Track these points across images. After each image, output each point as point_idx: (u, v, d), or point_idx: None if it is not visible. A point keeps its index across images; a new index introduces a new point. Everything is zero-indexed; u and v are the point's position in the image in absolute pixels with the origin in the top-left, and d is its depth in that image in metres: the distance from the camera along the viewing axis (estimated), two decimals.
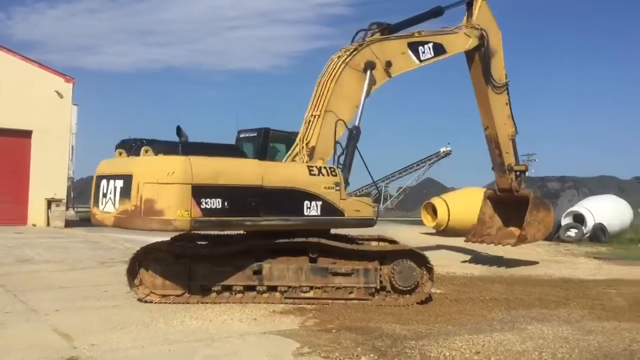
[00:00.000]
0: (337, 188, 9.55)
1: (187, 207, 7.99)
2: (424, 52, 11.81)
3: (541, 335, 7.44)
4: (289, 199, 9.06)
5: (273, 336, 7.21)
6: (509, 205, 15.07)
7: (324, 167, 9.69)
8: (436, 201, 26.56)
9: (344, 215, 9.58)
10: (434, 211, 26.43)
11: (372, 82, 10.81)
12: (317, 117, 10.27)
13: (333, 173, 9.66)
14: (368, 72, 10.65)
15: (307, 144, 10.11)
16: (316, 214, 9.33)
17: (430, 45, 11.95)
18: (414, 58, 11.65)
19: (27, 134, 27.25)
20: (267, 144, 11.33)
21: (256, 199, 8.63)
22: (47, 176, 26.87)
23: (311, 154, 10.06)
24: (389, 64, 11.03)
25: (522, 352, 6.64)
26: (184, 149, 8.56)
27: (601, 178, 56.94)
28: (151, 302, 9.18)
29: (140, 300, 9.19)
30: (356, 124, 10.50)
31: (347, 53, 10.71)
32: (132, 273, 9.43)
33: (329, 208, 9.42)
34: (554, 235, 25.63)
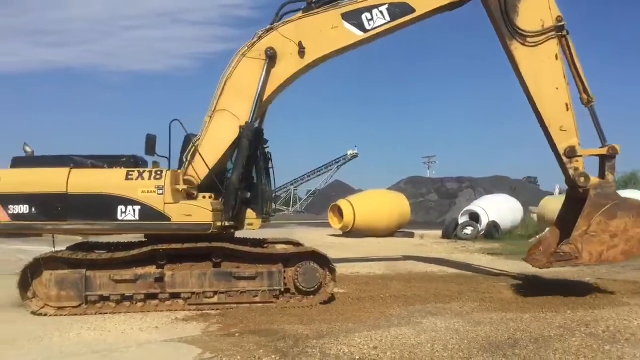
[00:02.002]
0: (160, 192, 9.18)
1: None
2: (371, 20, 9.91)
3: (434, 329, 7.87)
4: (98, 204, 9.19)
5: (174, 344, 7.16)
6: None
7: (148, 171, 9.42)
8: (342, 203, 27.23)
9: (169, 220, 9.20)
10: (340, 213, 27.09)
11: (276, 72, 9.89)
12: (210, 117, 9.96)
13: (157, 177, 9.29)
14: (266, 60, 9.79)
15: (197, 147, 9.86)
16: (133, 218, 9.18)
17: (384, 7, 9.94)
18: (355, 30, 9.92)
19: None
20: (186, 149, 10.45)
21: (61, 204, 9.17)
22: None
23: (194, 156, 9.84)
24: (302, 46, 9.80)
25: (416, 345, 7.01)
26: (13, 162, 9.64)
27: (495, 178, 60.38)
28: (46, 315, 8.80)
29: (34, 313, 8.79)
30: (248, 121, 9.78)
31: (249, 43, 9.97)
32: (24, 285, 9.00)
33: (149, 212, 9.16)
34: (452, 233, 27.05)
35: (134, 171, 9.42)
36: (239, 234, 10.70)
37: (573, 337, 7.30)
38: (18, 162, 9.63)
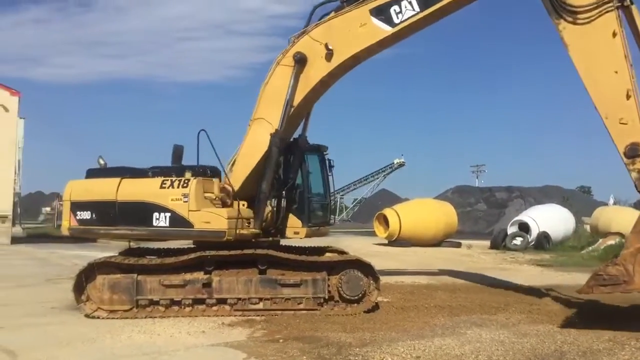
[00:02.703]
0: (185, 200, 9.45)
1: (67, 218, 10.29)
2: (399, 13, 9.17)
3: (479, 339, 7.79)
4: (139, 211, 9.73)
5: (221, 348, 7.33)
6: None
7: (178, 180, 9.70)
8: (388, 212, 27.12)
9: (192, 227, 9.46)
10: (386, 222, 26.99)
11: (306, 76, 9.74)
12: (249, 126, 10.13)
13: (184, 185, 9.59)
14: (295, 65, 9.67)
15: (236, 156, 10.20)
16: (165, 225, 9.56)
17: None
18: (383, 25, 9.26)
19: None
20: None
21: (112, 211, 9.88)
22: None
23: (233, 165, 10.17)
24: (328, 48, 9.44)
25: (460, 356, 6.96)
26: (87, 174, 10.53)
27: (546, 188, 58.76)
28: (98, 317, 9.15)
29: (87, 316, 9.15)
30: (277, 128, 9.76)
31: (284, 50, 9.87)
32: (78, 289, 9.38)
33: (177, 219, 9.48)
34: (501, 243, 26.53)
35: (168, 180, 9.80)
36: (288, 242, 10.80)
37: (622, 351, 7.11)
38: (91, 173, 10.52)
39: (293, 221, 10.39)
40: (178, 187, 9.66)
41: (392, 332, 8.21)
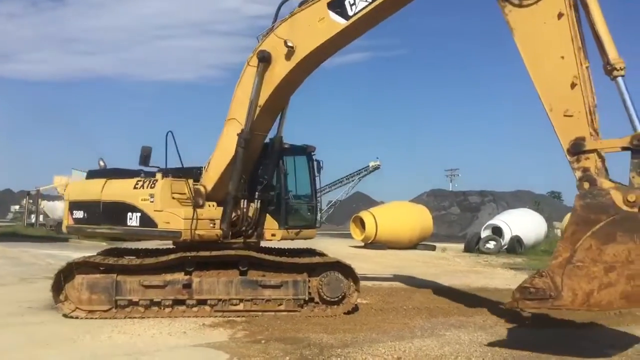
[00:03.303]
0: (152, 200, 9.67)
1: (66, 217, 11.01)
2: (353, 4, 8.74)
3: (458, 341, 7.94)
4: (117, 211, 10.12)
5: (202, 349, 7.33)
6: None
7: (148, 180, 9.94)
8: (364, 215, 27.31)
9: (157, 227, 9.65)
10: (362, 224, 27.16)
11: (270, 74, 9.51)
12: (224, 127, 10.10)
13: (152, 185, 9.80)
14: (259, 65, 9.49)
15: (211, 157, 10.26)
16: (135, 224, 9.87)
17: None
18: (339, 19, 8.86)
19: None
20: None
21: (98, 210, 10.38)
22: None
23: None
24: (288, 44, 9.15)
25: (440, 357, 7.10)
26: (87, 175, 11.24)
27: (518, 192, 59.72)
28: (77, 317, 9.06)
29: (65, 316, 9.05)
30: (245, 129, 9.59)
31: (254, 49, 9.67)
32: (57, 289, 9.28)
33: (145, 219, 9.76)
34: (474, 247, 26.92)
35: (140, 180, 10.00)
36: (270, 244, 10.84)
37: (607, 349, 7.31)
38: (91, 174, 11.08)
39: (270, 223, 10.41)
40: (147, 187, 9.86)
41: (373, 334, 8.31)
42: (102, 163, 11.00)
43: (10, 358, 6.52)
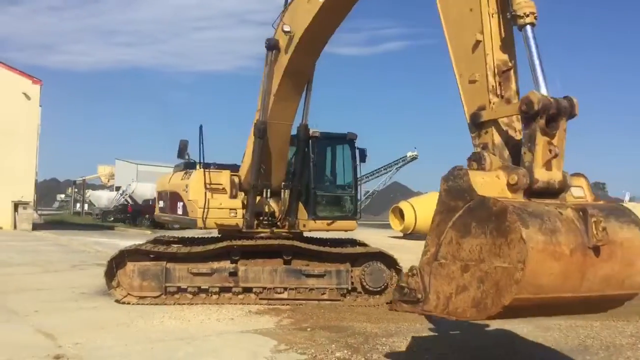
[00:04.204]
0: (186, 190, 10.46)
1: (156, 206, 12.54)
2: None
3: (501, 333, 7.93)
4: (173, 200, 11.06)
5: (250, 335, 7.55)
6: None
7: (189, 172, 10.68)
8: (403, 205, 27.26)
9: (187, 215, 10.44)
10: (401, 215, 27.13)
11: (279, 63, 9.50)
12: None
13: (188, 177, 10.61)
14: (267, 53, 9.62)
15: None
16: (181, 213, 10.65)
17: None
18: None
19: None
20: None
21: (166, 199, 11.45)
22: (14, 178, 26.60)
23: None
24: (286, 31, 9.06)
25: (481, 347, 7.14)
26: (174, 169, 12.18)
27: None
28: (129, 303, 9.40)
29: (117, 301, 9.41)
30: (260, 119, 9.77)
31: None
32: (109, 275, 9.64)
33: (184, 208, 10.58)
34: None
35: (187, 171, 10.67)
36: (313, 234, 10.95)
37: None
38: (175, 168, 12.20)
39: (302, 213, 10.52)
40: (184, 178, 10.60)
41: (416, 324, 8.37)
42: (187, 157, 11.03)
43: (69, 340, 6.84)
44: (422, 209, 26.70)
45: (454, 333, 7.79)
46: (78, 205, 62.29)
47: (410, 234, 26.66)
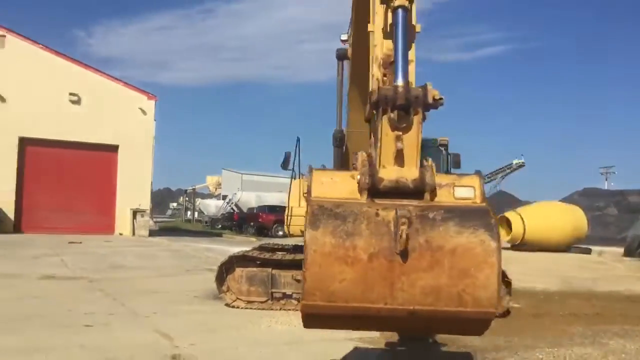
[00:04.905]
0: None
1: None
2: None
3: (623, 350, 7.41)
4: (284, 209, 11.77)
5: (355, 342, 7.54)
6: None
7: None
8: (510, 215, 26.21)
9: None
10: (508, 225, 26.10)
11: (345, 73, 9.62)
12: None
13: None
14: (338, 63, 9.78)
15: None
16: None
17: None
18: None
19: (114, 148, 29.12)
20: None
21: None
22: (132, 188, 28.59)
23: None
24: (343, 40, 9.18)
25: None
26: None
27: None
28: (238, 307, 9.76)
29: (227, 305, 9.79)
30: (337, 128, 9.89)
31: None
32: (220, 280, 10.07)
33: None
34: (636, 251, 24.68)
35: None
36: None
37: None
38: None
39: None
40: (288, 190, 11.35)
41: (527, 339, 8.02)
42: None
43: (185, 341, 7.22)
44: (531, 218, 25.55)
45: (575, 348, 7.36)
46: (189, 213, 65.63)
47: (519, 245, 25.54)
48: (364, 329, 4.40)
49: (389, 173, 4.05)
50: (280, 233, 30.62)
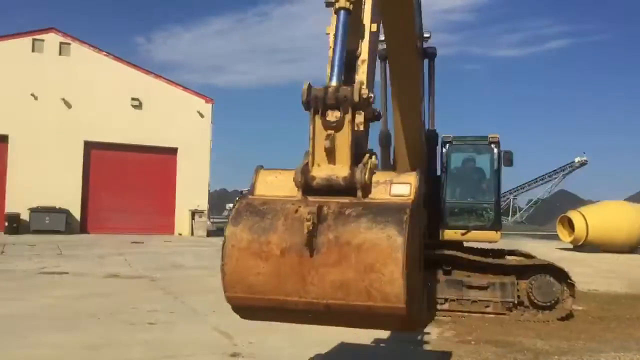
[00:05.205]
0: None
1: None
2: None
3: None
4: None
5: (412, 345, 7.50)
6: None
7: None
8: (573, 215, 25.40)
9: None
10: (570, 225, 25.29)
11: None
12: None
13: None
14: (381, 64, 9.52)
15: None
16: None
17: None
18: None
19: (173, 151, 29.90)
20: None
21: None
22: (191, 189, 29.27)
23: None
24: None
25: None
26: None
27: None
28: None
29: None
30: (382, 128, 9.90)
31: None
32: None
33: None
34: None
35: None
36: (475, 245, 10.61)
37: None
38: None
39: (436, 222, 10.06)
40: None
41: (592, 343, 7.75)
42: None
43: (244, 340, 7.34)
44: (593, 218, 24.71)
45: (637, 353, 7.06)
46: None
47: (581, 246, 24.72)
48: (292, 321, 4.46)
49: (321, 171, 4.19)
50: None
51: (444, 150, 10.25)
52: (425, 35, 9.46)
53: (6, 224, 24.87)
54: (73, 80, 27.90)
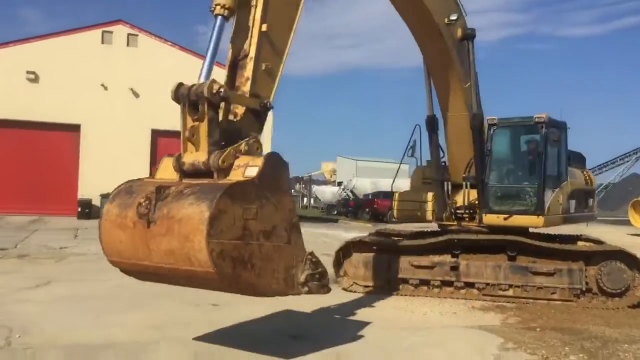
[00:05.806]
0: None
1: None
2: None
3: None
4: None
5: (475, 330, 7.42)
6: None
7: None
8: None
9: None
10: None
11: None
12: None
13: None
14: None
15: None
16: None
17: None
18: None
19: None
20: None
21: None
22: None
23: None
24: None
25: None
26: None
27: None
28: (354, 292, 9.89)
29: (344, 289, 9.96)
30: (429, 113, 10.77)
31: None
32: (337, 265, 10.25)
33: None
34: None
35: None
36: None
37: None
38: None
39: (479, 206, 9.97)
40: None
41: None
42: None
43: (310, 322, 7.48)
44: None
45: None
46: (305, 199, 67.21)
47: None
48: (157, 281, 5.54)
49: (188, 157, 5.29)
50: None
51: (490, 133, 10.02)
52: (452, 17, 9.31)
53: (79, 209, 26.02)
54: (140, 70, 28.74)
